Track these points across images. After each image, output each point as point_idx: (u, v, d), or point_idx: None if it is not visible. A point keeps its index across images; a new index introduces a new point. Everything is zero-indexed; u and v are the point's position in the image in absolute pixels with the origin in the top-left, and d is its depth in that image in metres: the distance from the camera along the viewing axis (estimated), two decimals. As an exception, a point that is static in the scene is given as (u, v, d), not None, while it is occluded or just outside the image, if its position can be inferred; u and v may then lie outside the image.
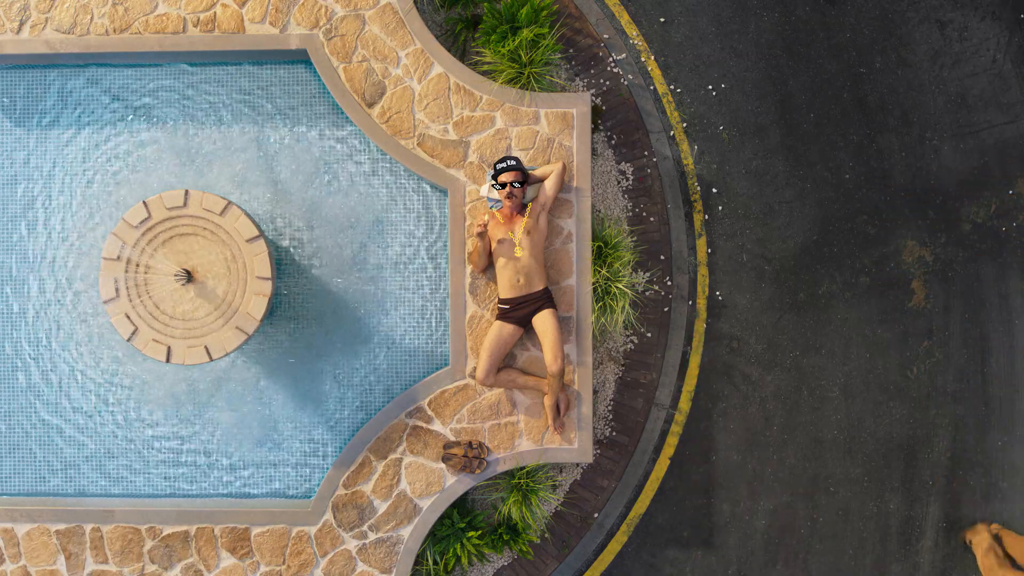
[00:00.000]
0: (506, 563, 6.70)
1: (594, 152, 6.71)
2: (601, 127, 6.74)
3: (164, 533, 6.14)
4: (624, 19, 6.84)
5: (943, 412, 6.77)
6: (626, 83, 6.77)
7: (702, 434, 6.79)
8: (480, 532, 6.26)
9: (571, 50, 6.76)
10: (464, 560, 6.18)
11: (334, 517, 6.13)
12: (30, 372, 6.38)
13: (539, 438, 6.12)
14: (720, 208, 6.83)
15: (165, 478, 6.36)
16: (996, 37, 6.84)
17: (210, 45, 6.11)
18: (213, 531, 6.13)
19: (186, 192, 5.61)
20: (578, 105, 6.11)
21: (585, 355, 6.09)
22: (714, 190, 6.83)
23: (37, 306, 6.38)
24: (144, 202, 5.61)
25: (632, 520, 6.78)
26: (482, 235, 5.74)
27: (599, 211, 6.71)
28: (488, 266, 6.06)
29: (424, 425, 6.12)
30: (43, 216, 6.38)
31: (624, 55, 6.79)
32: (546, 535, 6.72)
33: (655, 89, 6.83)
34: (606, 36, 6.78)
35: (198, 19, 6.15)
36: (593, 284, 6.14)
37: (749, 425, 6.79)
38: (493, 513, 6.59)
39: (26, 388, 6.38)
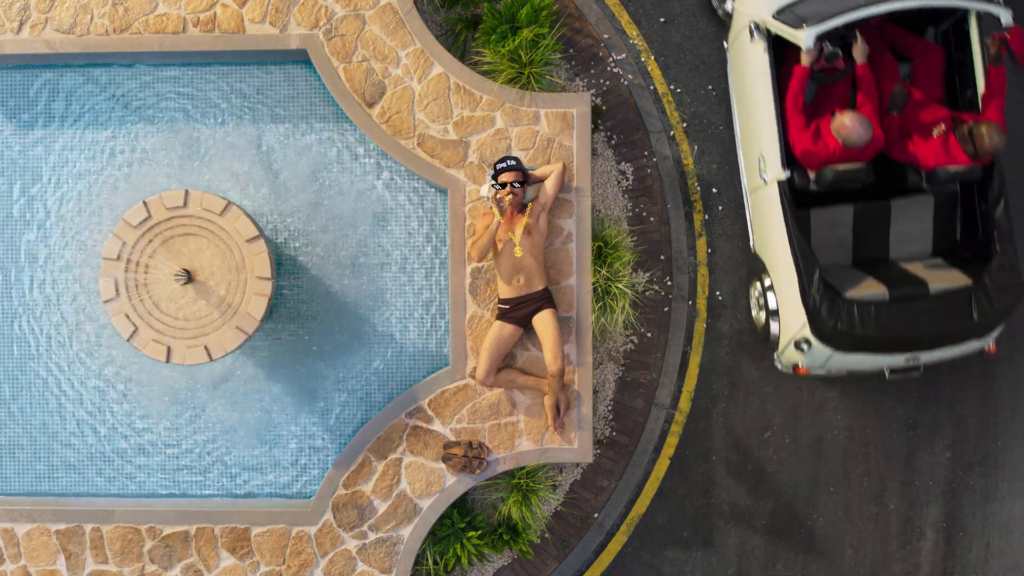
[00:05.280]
0: (506, 563, 6.70)
1: (594, 152, 6.71)
2: (601, 127, 6.74)
3: (164, 533, 6.13)
4: (624, 19, 6.84)
5: (943, 412, 6.77)
6: (626, 83, 6.77)
7: (702, 434, 6.79)
8: (480, 532, 6.26)
9: (571, 50, 6.75)
10: (464, 560, 6.18)
11: (334, 517, 6.13)
12: (29, 372, 6.38)
13: (539, 438, 6.12)
14: (720, 208, 6.83)
15: (165, 478, 6.36)
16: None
17: (210, 45, 6.11)
18: (213, 531, 6.13)
19: (186, 192, 5.61)
20: (578, 105, 6.11)
21: (585, 355, 6.08)
22: (714, 190, 6.83)
23: (37, 306, 6.38)
24: (144, 202, 5.61)
25: (632, 520, 6.77)
26: (503, 210, 5.59)
27: (599, 211, 6.71)
28: (487, 256, 5.96)
29: (424, 425, 6.12)
30: (42, 216, 6.37)
31: (624, 55, 6.79)
32: (546, 535, 6.71)
33: (655, 89, 6.83)
34: (606, 36, 6.78)
35: (198, 19, 6.15)
36: (593, 284, 6.13)
37: (749, 425, 6.78)
38: (493, 513, 6.59)
39: (26, 388, 6.38)
